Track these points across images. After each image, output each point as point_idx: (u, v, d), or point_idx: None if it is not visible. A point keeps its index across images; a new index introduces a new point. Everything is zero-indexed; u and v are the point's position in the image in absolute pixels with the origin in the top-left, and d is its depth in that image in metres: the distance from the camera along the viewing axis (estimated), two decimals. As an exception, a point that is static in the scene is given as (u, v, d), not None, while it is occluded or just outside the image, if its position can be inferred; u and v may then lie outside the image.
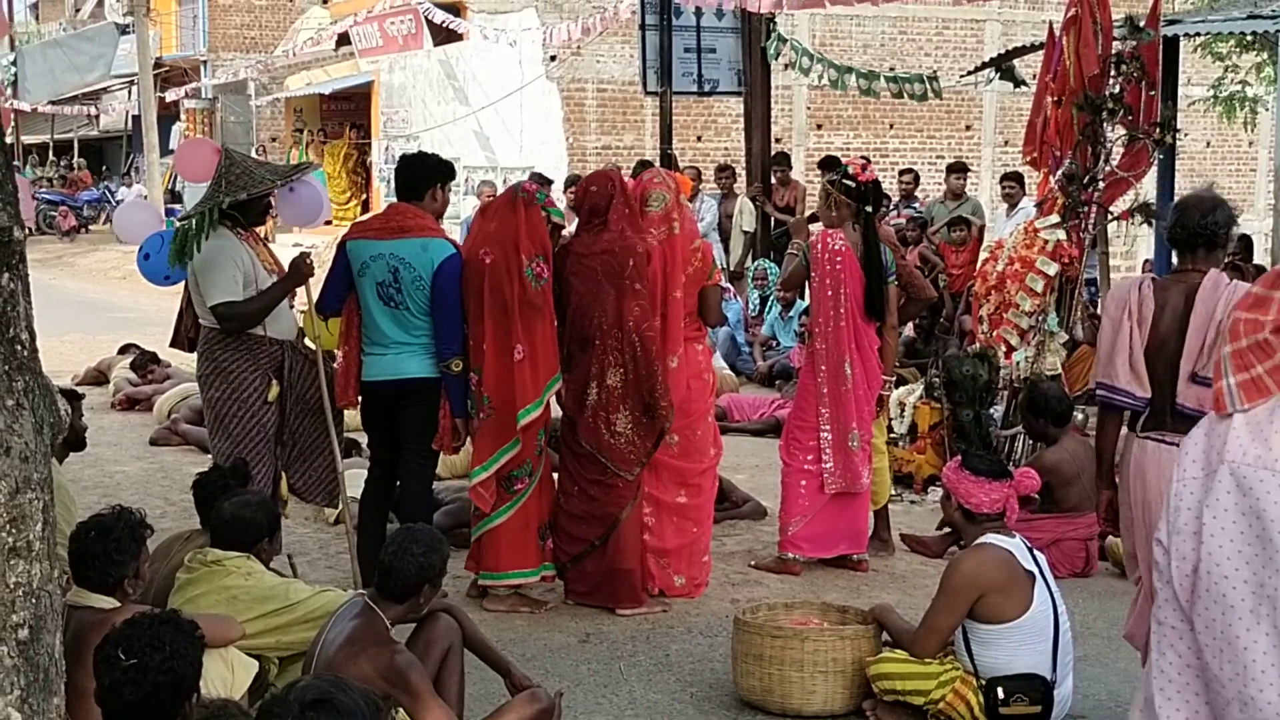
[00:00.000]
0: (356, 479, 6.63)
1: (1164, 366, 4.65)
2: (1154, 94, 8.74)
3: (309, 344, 6.29)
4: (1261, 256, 12.65)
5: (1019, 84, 12.80)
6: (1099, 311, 10.70)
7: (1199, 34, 13.27)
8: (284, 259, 6.55)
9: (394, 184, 6.45)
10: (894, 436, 8.57)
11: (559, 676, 5.40)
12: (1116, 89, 8.68)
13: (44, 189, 33.87)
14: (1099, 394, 4.85)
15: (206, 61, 31.06)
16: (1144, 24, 8.93)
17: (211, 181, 6.15)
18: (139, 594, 4.30)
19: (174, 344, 6.85)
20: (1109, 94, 8.70)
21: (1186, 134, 13.33)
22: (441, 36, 23.84)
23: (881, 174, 7.49)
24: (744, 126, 16.33)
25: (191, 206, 6.37)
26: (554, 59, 23.23)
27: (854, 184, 6.84)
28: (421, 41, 24.08)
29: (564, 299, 6.20)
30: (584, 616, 6.23)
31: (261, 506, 4.94)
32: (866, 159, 7.25)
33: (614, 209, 6.21)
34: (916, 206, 14.47)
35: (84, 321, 17.05)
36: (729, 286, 12.86)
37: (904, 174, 15.26)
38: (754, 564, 7.09)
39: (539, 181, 13.52)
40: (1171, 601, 3.64)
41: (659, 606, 6.35)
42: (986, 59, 15.20)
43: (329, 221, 24.68)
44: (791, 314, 12.62)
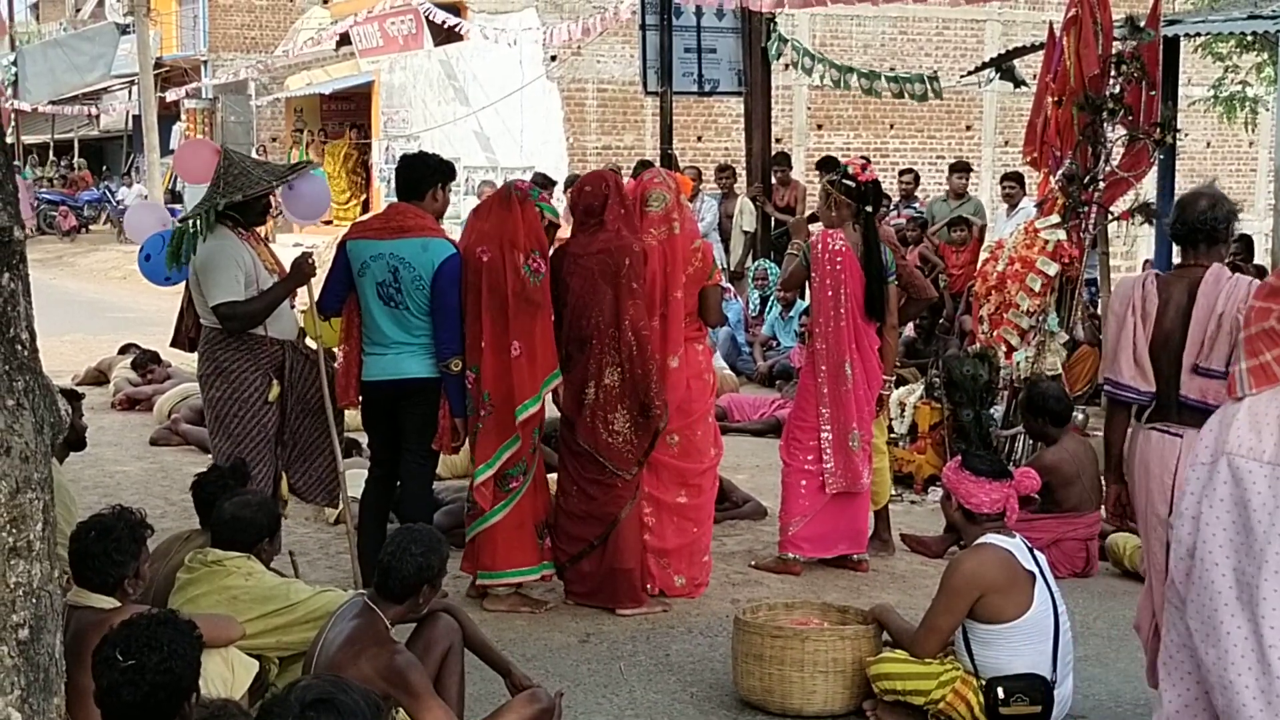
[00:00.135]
0: (357, 479, 6.63)
1: (1168, 360, 4.72)
2: (1154, 94, 8.75)
3: (310, 344, 6.29)
4: (1262, 257, 12.65)
5: (1019, 84, 12.81)
6: (1099, 312, 10.71)
7: (1199, 34, 13.27)
8: (284, 259, 6.56)
9: (394, 184, 6.45)
10: (894, 436, 8.57)
11: (559, 676, 5.40)
12: (1117, 89, 8.68)
13: (44, 189, 33.89)
14: (1105, 389, 4.93)
15: (207, 61, 31.07)
16: (1144, 24, 8.93)
17: (211, 183, 6.16)
18: (139, 594, 4.30)
19: (175, 344, 6.85)
20: (1109, 94, 8.70)
21: (1187, 134, 13.32)
22: (442, 37, 23.84)
23: (882, 174, 7.49)
24: (744, 126, 16.33)
25: (192, 208, 6.35)
26: (554, 59, 23.23)
27: (854, 184, 6.84)
28: (422, 41, 24.09)
29: (561, 299, 6.20)
30: (584, 616, 6.23)
31: (262, 507, 4.94)
32: (866, 159, 7.25)
33: (609, 209, 6.22)
34: (916, 207, 14.46)
35: (84, 321, 17.06)
36: (729, 286, 12.86)
37: (904, 174, 15.26)
38: (754, 564, 7.09)
39: (542, 182, 13.59)
40: (1173, 584, 3.70)
41: (659, 606, 6.35)
42: (987, 59, 15.21)
43: (329, 221, 24.75)
44: (792, 314, 12.62)
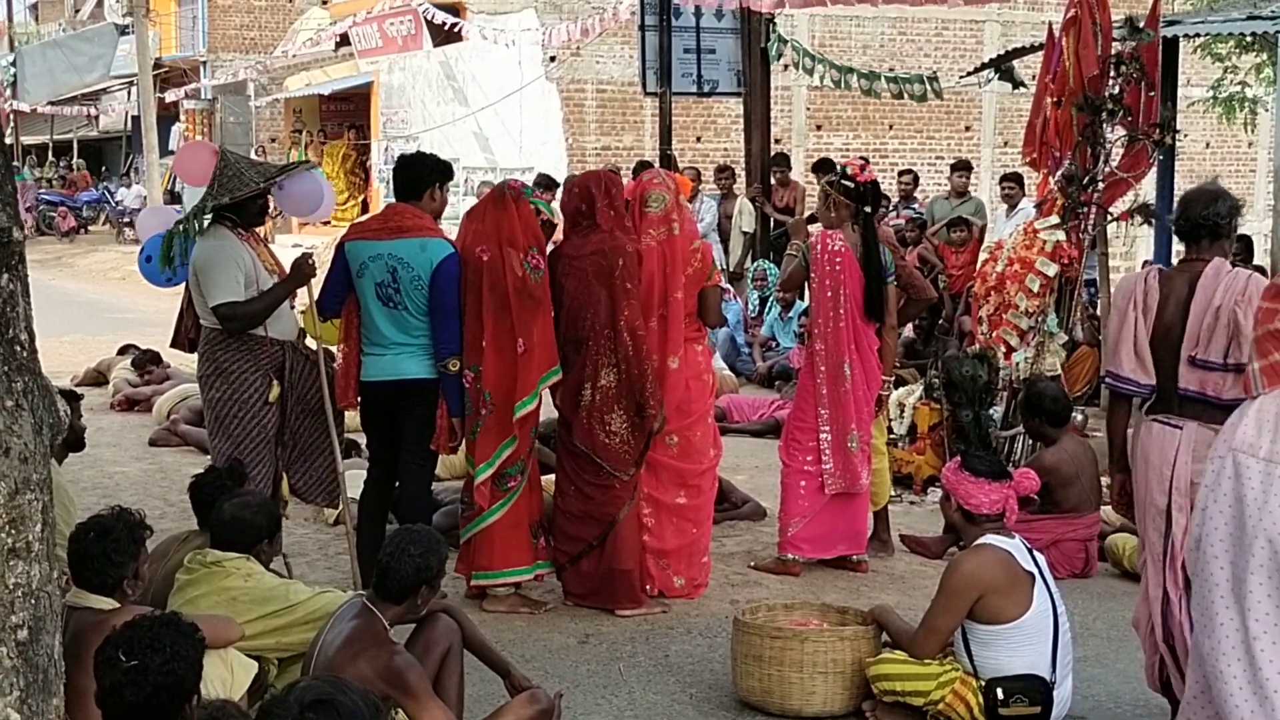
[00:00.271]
0: (356, 479, 6.63)
1: (1169, 353, 4.77)
2: (1153, 95, 8.75)
3: (310, 344, 6.29)
4: (1261, 257, 12.64)
5: (1017, 85, 12.81)
6: (1098, 312, 10.72)
7: (1198, 35, 13.27)
8: (284, 260, 6.55)
9: (392, 184, 6.45)
10: (893, 437, 8.57)
11: (558, 677, 5.40)
12: (1116, 90, 8.69)
13: (43, 190, 33.89)
14: (1106, 381, 4.99)
15: (206, 62, 31.07)
16: (1143, 25, 8.94)
17: (207, 185, 6.15)
18: (138, 595, 4.30)
19: (174, 344, 6.85)
20: (1108, 95, 8.70)
21: (1186, 135, 13.33)
22: (441, 37, 23.85)
23: (881, 175, 7.50)
24: (743, 127, 16.32)
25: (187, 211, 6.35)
26: (553, 60, 23.24)
27: (853, 184, 6.84)
28: (421, 42, 24.09)
29: (557, 301, 6.21)
30: (583, 617, 6.23)
31: (262, 508, 4.94)
32: (865, 159, 7.25)
33: (599, 211, 6.24)
34: (916, 208, 14.46)
35: (83, 322, 17.05)
36: (728, 287, 12.86)
37: (903, 175, 15.26)
38: (753, 565, 7.08)
39: (546, 183, 13.60)
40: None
41: (658, 607, 6.35)
42: (986, 60, 15.21)
43: (327, 222, 24.75)
44: (791, 315, 12.62)
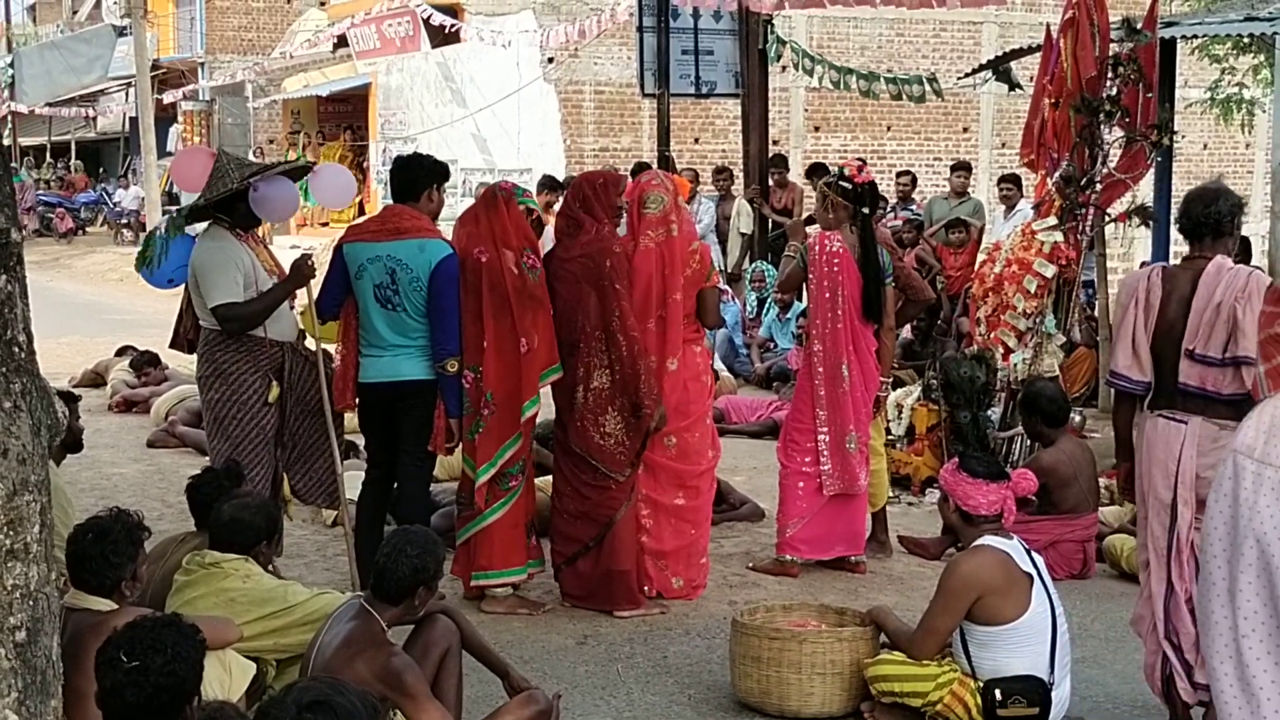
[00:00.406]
0: (355, 481, 6.63)
1: (1172, 348, 4.82)
2: (1151, 96, 8.76)
3: (310, 345, 6.29)
4: (1259, 258, 12.65)
5: (1014, 87, 12.81)
6: (1096, 313, 10.73)
7: (1196, 36, 13.27)
8: (283, 260, 6.55)
9: (390, 186, 6.45)
10: (892, 438, 8.57)
11: (557, 678, 5.40)
12: (1114, 91, 8.69)
13: (41, 191, 33.87)
14: (1107, 378, 5.13)
15: (204, 63, 31.05)
16: (1141, 26, 8.95)
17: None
18: (136, 596, 4.29)
19: (173, 345, 6.85)
20: (1106, 96, 8.71)
21: (1184, 136, 13.35)
22: (439, 39, 23.84)
23: (879, 176, 7.50)
24: (741, 128, 16.34)
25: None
26: (551, 61, 23.23)
27: (850, 186, 6.85)
28: (419, 43, 24.08)
29: (551, 304, 6.23)
30: (582, 618, 6.23)
31: (260, 509, 4.94)
32: (862, 160, 7.25)
33: (592, 211, 6.27)
34: (914, 209, 14.46)
35: (81, 323, 17.05)
36: (726, 288, 12.86)
37: (901, 176, 15.27)
38: (752, 566, 7.09)
39: (550, 185, 13.60)
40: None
41: (657, 608, 6.35)
42: (984, 61, 15.21)
43: (325, 223, 24.76)
44: (789, 316, 12.63)
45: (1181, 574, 4.77)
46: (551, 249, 6.41)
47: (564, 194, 6.56)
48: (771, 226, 14.88)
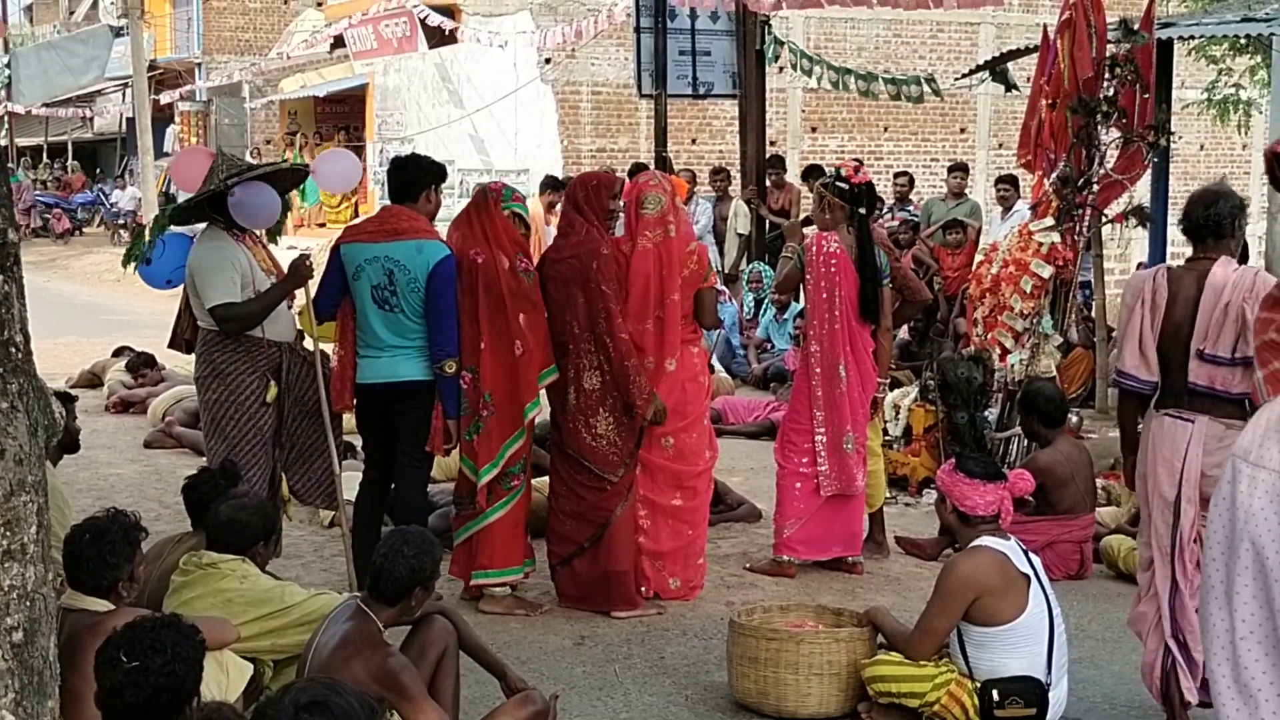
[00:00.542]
0: (352, 481, 6.63)
1: (1179, 348, 4.85)
2: (1148, 97, 8.78)
3: (308, 345, 6.29)
4: (1255, 259, 12.66)
5: (1011, 88, 12.83)
6: (1093, 314, 10.74)
7: (1193, 37, 13.29)
8: (283, 261, 6.53)
9: (387, 186, 6.44)
10: (889, 439, 8.57)
11: (554, 679, 5.40)
12: (1111, 92, 8.71)
13: (38, 191, 33.86)
14: (1114, 377, 5.11)
15: (201, 64, 31.05)
16: (1138, 27, 8.97)
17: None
18: (133, 597, 4.29)
19: (172, 345, 6.83)
20: (1103, 97, 8.73)
21: (1180, 137, 13.37)
22: (436, 39, 23.84)
23: (876, 177, 7.51)
24: (739, 129, 16.32)
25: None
26: (548, 62, 23.23)
27: (847, 186, 6.85)
28: (416, 44, 24.07)
29: (544, 306, 6.24)
30: (579, 619, 6.23)
31: (257, 510, 4.93)
32: (859, 161, 7.26)
33: (583, 213, 6.27)
34: (911, 210, 14.47)
35: (78, 324, 17.04)
36: (724, 289, 12.87)
37: (899, 177, 15.27)
38: (749, 566, 7.09)
39: (552, 185, 13.59)
40: None
41: (654, 609, 6.35)
42: (981, 62, 15.22)
43: (322, 224, 24.75)
44: (786, 317, 12.63)
45: (1184, 572, 4.81)
46: (545, 251, 6.43)
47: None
48: (769, 227, 14.88)
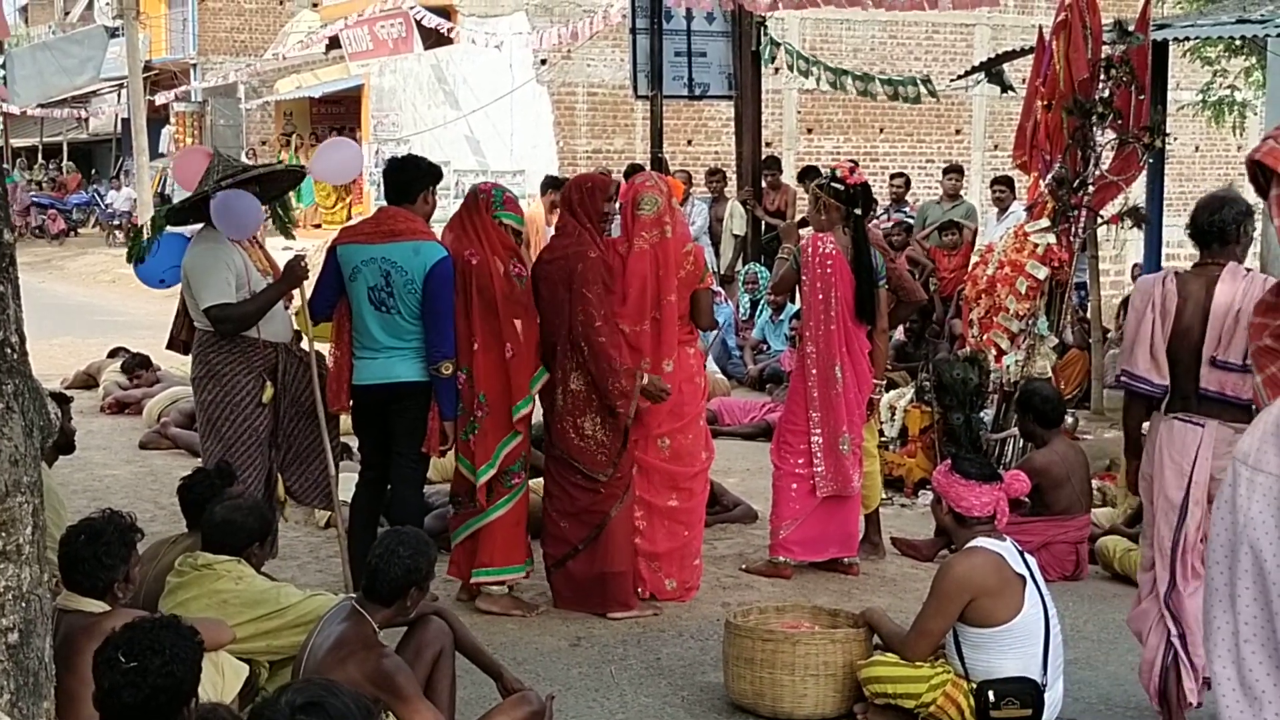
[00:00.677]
0: (348, 482, 6.63)
1: (1188, 353, 4.88)
2: (1143, 98, 8.80)
3: (304, 346, 6.28)
4: (1251, 261, 12.68)
5: (1006, 89, 12.84)
6: (1088, 315, 10.75)
7: (1188, 38, 13.31)
8: (280, 261, 6.53)
9: (384, 187, 6.43)
10: (885, 440, 8.58)
11: (550, 680, 5.40)
12: (1106, 93, 8.72)
13: (33, 192, 33.82)
14: (1121, 379, 5.10)
15: (196, 64, 31.04)
16: (1133, 28, 8.98)
17: None
18: (128, 598, 4.29)
19: (169, 346, 6.84)
20: (1098, 98, 8.74)
21: (1175, 138, 13.37)
22: (432, 40, 23.83)
23: (872, 178, 7.51)
24: (734, 130, 16.32)
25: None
26: (544, 63, 23.23)
27: (842, 187, 6.85)
28: (412, 45, 24.07)
29: (536, 307, 6.25)
30: (575, 620, 6.23)
31: (253, 511, 4.93)
32: (855, 162, 7.26)
33: (574, 217, 6.29)
34: (906, 211, 14.47)
35: (73, 325, 17.02)
36: (720, 290, 12.86)
37: (894, 178, 15.28)
38: (745, 567, 7.08)
39: (553, 185, 13.58)
40: None
41: (650, 610, 6.35)
42: (976, 63, 15.23)
43: (318, 225, 24.73)
44: (782, 318, 12.64)
45: (1185, 574, 4.82)
46: (540, 253, 6.44)
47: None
48: (764, 228, 14.88)
